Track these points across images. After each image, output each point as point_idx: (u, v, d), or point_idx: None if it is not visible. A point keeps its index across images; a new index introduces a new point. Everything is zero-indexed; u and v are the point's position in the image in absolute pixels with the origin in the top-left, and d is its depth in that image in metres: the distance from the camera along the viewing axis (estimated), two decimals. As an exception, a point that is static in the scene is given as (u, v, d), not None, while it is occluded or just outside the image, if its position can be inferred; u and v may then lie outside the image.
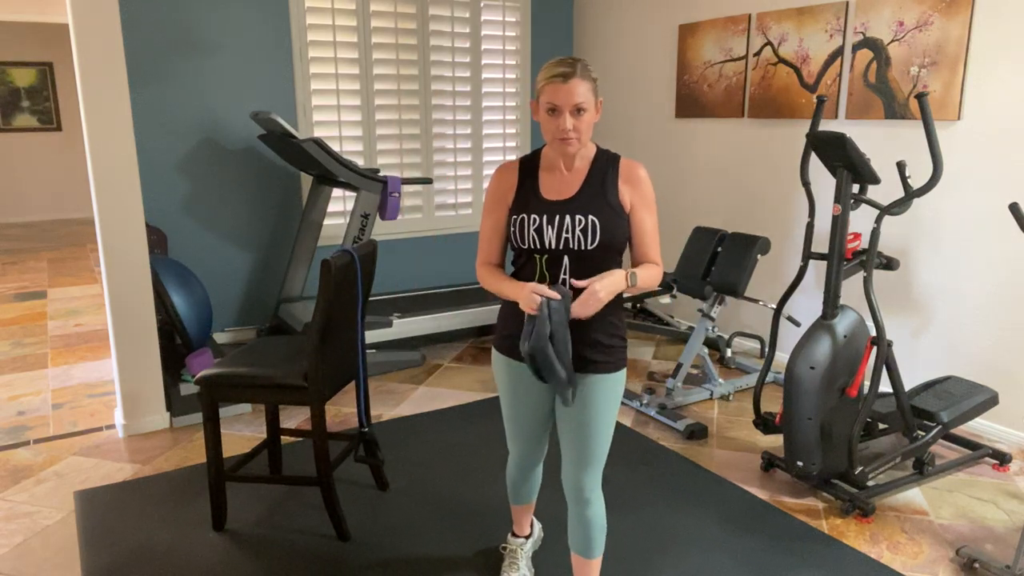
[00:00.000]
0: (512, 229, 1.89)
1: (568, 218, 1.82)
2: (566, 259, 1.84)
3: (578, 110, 1.76)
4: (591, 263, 1.84)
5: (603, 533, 2.00)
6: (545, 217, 1.84)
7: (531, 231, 1.84)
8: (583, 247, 1.82)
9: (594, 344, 1.88)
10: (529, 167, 1.92)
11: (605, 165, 1.88)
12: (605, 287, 1.75)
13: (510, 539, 2.39)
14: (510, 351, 1.95)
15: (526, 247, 1.87)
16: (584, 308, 1.75)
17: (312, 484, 2.54)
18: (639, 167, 1.88)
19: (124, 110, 3.20)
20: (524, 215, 1.86)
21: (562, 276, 1.86)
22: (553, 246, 1.83)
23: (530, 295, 1.75)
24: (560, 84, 1.73)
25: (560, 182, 1.88)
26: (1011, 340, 3.30)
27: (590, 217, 1.82)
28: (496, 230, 1.95)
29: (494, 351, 2.02)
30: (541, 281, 1.87)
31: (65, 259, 7.65)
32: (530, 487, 2.24)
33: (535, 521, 2.49)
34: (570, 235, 1.82)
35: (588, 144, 1.89)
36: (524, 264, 1.93)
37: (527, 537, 2.40)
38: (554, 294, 1.75)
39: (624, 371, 1.94)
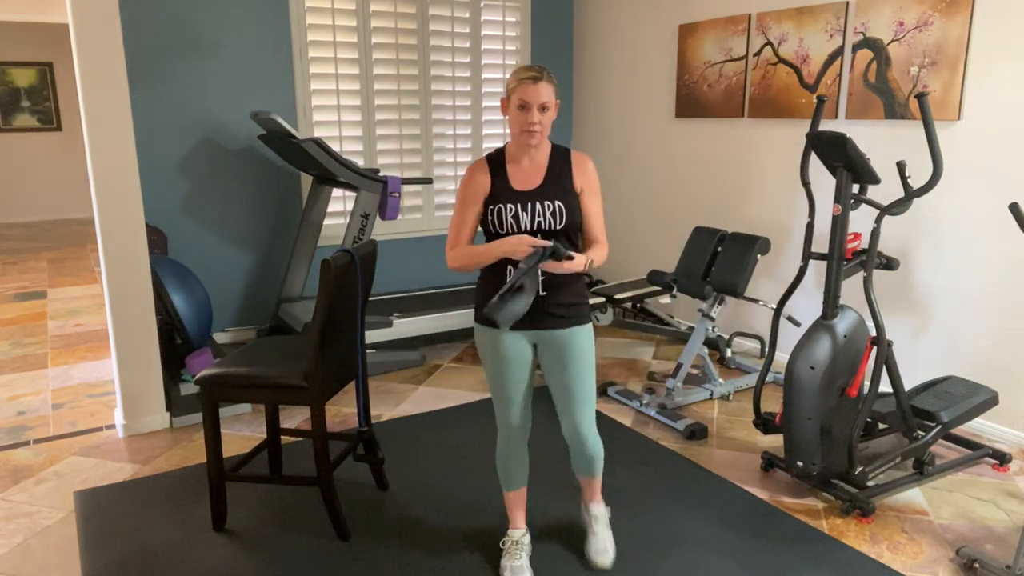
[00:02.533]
0: (491, 218, 2.18)
1: (539, 204, 2.16)
2: (538, 238, 2.14)
3: (543, 108, 2.10)
4: (558, 239, 2.16)
5: (601, 458, 2.39)
6: (519, 205, 2.16)
7: (508, 217, 2.15)
8: (552, 227, 2.16)
9: (568, 305, 2.21)
10: (497, 163, 2.22)
11: (561, 158, 2.22)
12: (576, 263, 2.05)
13: (509, 532, 2.45)
14: (488, 321, 2.22)
15: (504, 232, 2.16)
16: (574, 261, 2.05)
17: (312, 484, 2.54)
18: (587, 159, 2.24)
19: (124, 110, 3.20)
20: (501, 205, 2.16)
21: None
22: (528, 228, 2.15)
23: (520, 241, 2.05)
24: (531, 85, 2.07)
25: (526, 174, 2.20)
26: (1011, 340, 3.30)
27: (556, 203, 2.16)
28: (469, 221, 2.21)
29: (477, 326, 2.27)
30: (516, 261, 2.14)
31: (65, 259, 7.65)
32: (520, 467, 2.39)
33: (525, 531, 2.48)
34: (542, 218, 2.16)
35: (546, 141, 2.21)
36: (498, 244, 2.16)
37: (525, 532, 2.45)
38: (546, 242, 2.03)
39: (590, 324, 2.28)
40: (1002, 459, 3.10)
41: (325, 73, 4.66)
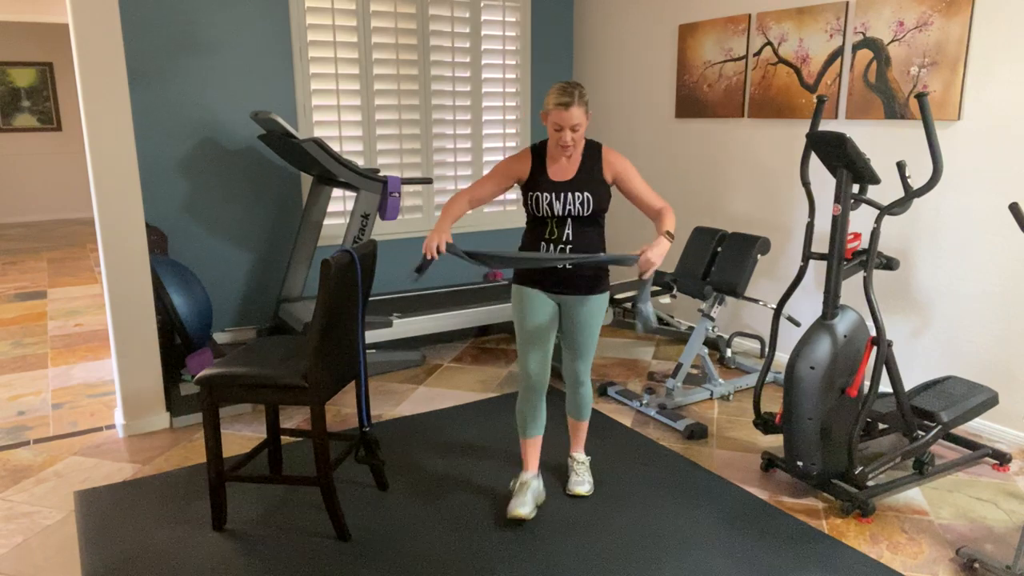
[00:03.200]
0: (530, 203, 2.58)
1: (570, 194, 2.54)
2: (569, 220, 2.57)
3: (575, 128, 2.46)
4: (585, 222, 2.58)
5: (590, 405, 2.86)
6: (553, 194, 2.55)
7: (544, 204, 2.56)
8: (581, 214, 2.56)
9: (589, 277, 2.62)
10: (539, 154, 2.60)
11: (593, 155, 2.59)
12: (657, 255, 2.38)
13: (520, 474, 2.76)
14: (522, 281, 2.66)
15: (541, 214, 2.58)
16: (648, 266, 2.39)
17: (312, 484, 2.53)
18: (616, 153, 2.60)
19: (124, 110, 3.20)
20: (539, 193, 2.56)
21: (566, 234, 2.58)
22: (560, 214, 2.56)
23: (430, 242, 2.39)
24: (563, 111, 2.42)
25: (562, 168, 2.58)
26: (1011, 340, 3.30)
27: (585, 194, 2.54)
28: (489, 187, 2.61)
29: (513, 285, 2.70)
30: (550, 235, 2.59)
31: (65, 259, 7.65)
32: (537, 417, 2.73)
33: (540, 477, 2.81)
34: (572, 206, 2.55)
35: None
36: (537, 224, 2.62)
37: (535, 475, 2.76)
38: (443, 248, 2.41)
39: (607, 294, 2.68)
40: (1002, 459, 3.10)
41: (325, 73, 4.66)
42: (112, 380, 4.17)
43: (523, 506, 2.64)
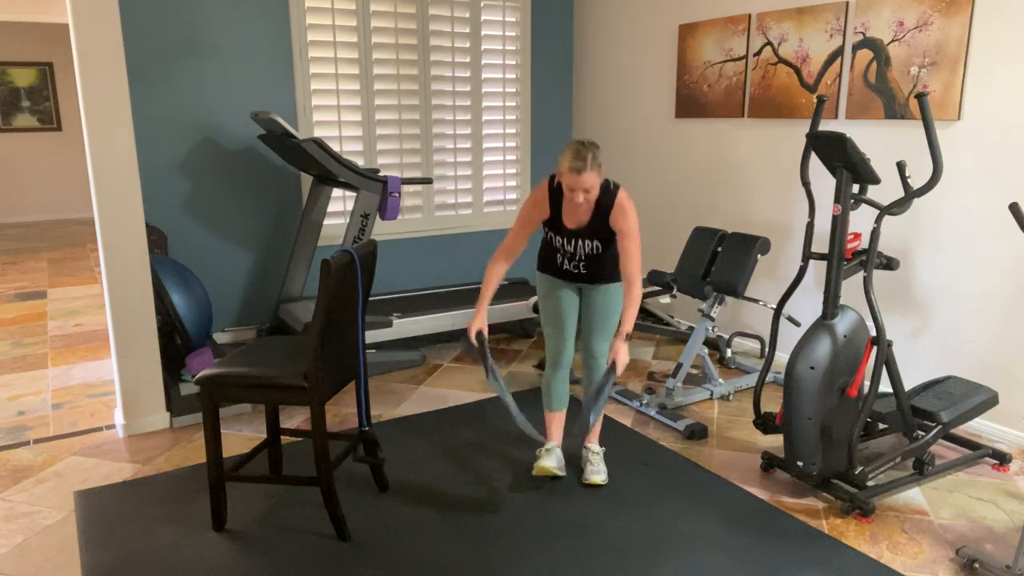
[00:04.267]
0: (548, 235, 2.83)
1: (582, 240, 2.76)
2: (582, 257, 2.79)
3: (587, 191, 2.56)
4: (597, 258, 2.78)
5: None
6: (566, 239, 2.78)
7: (556, 243, 2.82)
8: (592, 253, 2.78)
9: (604, 273, 2.82)
10: (556, 196, 2.74)
11: (606, 202, 2.67)
12: (622, 361, 2.59)
13: (546, 443, 2.95)
14: (545, 269, 2.90)
15: (556, 245, 2.82)
16: (621, 369, 2.61)
17: (312, 484, 2.54)
18: (626, 206, 2.66)
19: (124, 110, 3.20)
20: (553, 233, 2.82)
21: (579, 255, 2.80)
22: (572, 254, 2.80)
23: (470, 328, 2.74)
24: (576, 176, 2.53)
25: (576, 213, 2.73)
26: (1011, 340, 3.30)
27: (595, 241, 2.75)
28: (521, 239, 2.81)
29: (538, 273, 2.94)
30: (565, 252, 2.80)
31: (65, 259, 7.65)
32: (560, 392, 2.94)
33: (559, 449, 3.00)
34: (583, 251, 2.78)
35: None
36: (554, 241, 2.83)
37: (558, 445, 2.96)
38: (473, 342, 2.73)
39: (621, 284, 2.80)
40: (1002, 459, 3.10)
41: (325, 73, 4.66)
42: (112, 380, 4.17)
43: (553, 463, 2.87)
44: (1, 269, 7.18)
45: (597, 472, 2.96)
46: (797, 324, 3.74)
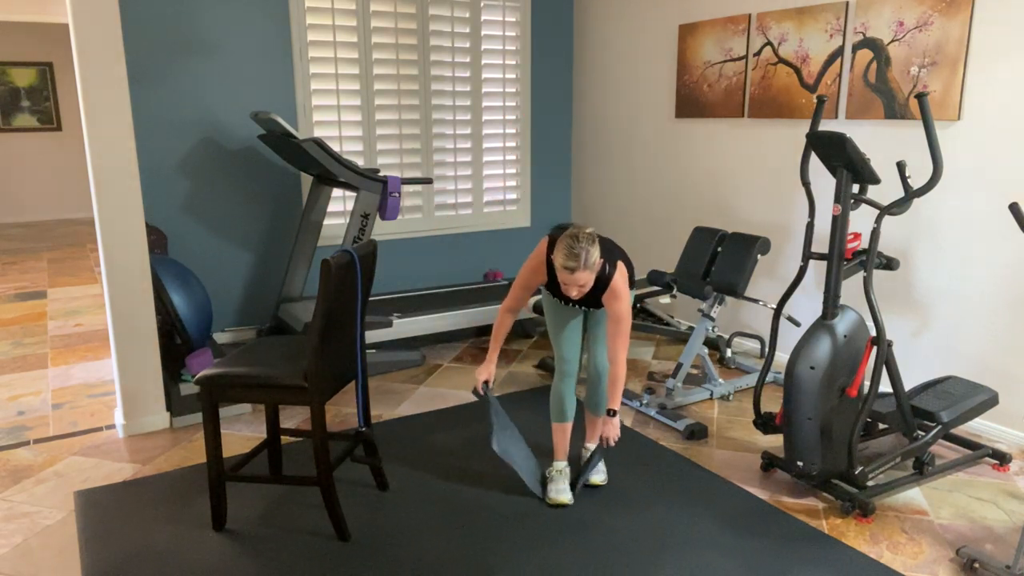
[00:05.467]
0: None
1: (577, 305, 2.76)
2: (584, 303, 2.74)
3: (581, 286, 2.49)
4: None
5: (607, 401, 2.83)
6: (563, 300, 2.76)
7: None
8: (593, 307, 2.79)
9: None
10: (551, 261, 2.65)
11: (602, 284, 2.61)
12: (614, 435, 2.70)
13: (554, 463, 2.90)
14: (554, 295, 2.81)
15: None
16: (613, 442, 2.72)
17: (312, 484, 2.54)
18: (621, 288, 2.59)
19: (124, 110, 3.20)
20: (549, 292, 2.77)
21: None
22: (573, 302, 2.74)
23: (479, 376, 2.80)
24: (568, 274, 2.46)
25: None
26: (1011, 340, 3.30)
27: (591, 308, 2.78)
28: (524, 296, 2.77)
29: (543, 289, 2.83)
30: (567, 300, 2.75)
31: (65, 259, 7.65)
32: (569, 403, 2.88)
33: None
34: (582, 312, 2.83)
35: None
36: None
37: (567, 463, 2.92)
38: (481, 391, 2.80)
39: (630, 290, 2.70)
40: (1002, 459, 3.10)
41: (325, 73, 4.66)
42: (112, 380, 4.17)
43: (564, 492, 2.81)
44: (1, 269, 7.18)
45: (597, 472, 2.96)
46: (797, 324, 3.74)
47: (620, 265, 2.62)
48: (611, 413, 2.68)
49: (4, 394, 4.00)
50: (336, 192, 4.78)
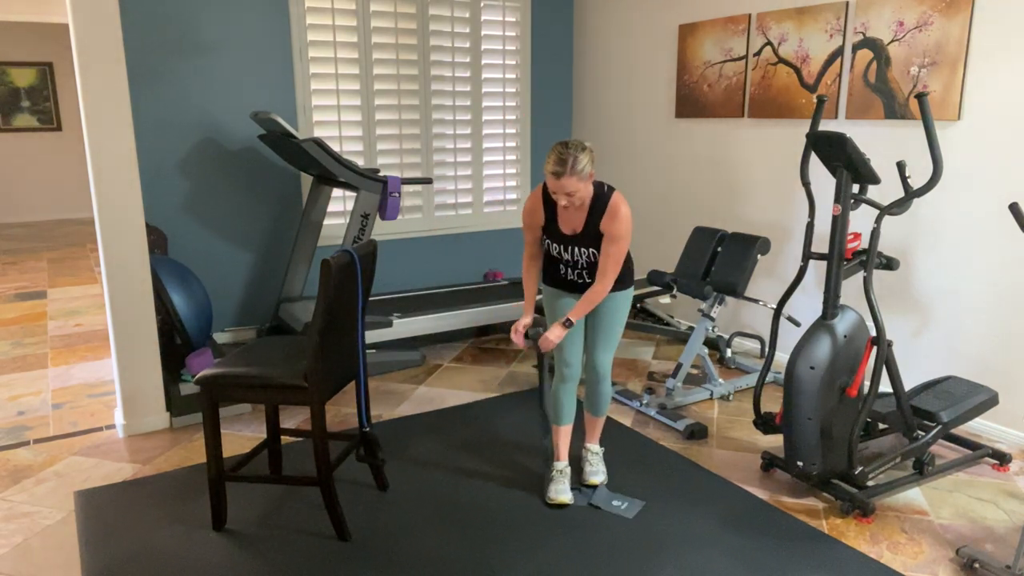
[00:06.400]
0: (544, 242, 2.77)
1: (577, 248, 2.69)
2: (584, 266, 2.72)
3: (569, 194, 2.50)
4: (595, 263, 2.70)
5: (608, 402, 2.92)
6: (562, 246, 2.71)
7: (554, 251, 2.75)
8: (592, 261, 2.70)
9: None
10: (549, 199, 2.68)
11: (599, 207, 2.60)
12: (552, 338, 2.70)
13: (554, 463, 2.90)
14: (550, 281, 2.84)
15: (554, 254, 2.76)
16: (546, 345, 2.72)
17: (312, 484, 2.54)
18: (618, 210, 2.58)
19: (124, 110, 3.20)
20: (549, 240, 2.75)
21: (580, 263, 2.73)
22: (569, 261, 2.74)
23: (515, 331, 2.80)
24: (555, 180, 2.48)
25: (571, 218, 2.66)
26: (1011, 340, 3.30)
27: (591, 250, 2.67)
28: (532, 243, 2.80)
29: (543, 286, 2.88)
30: (567, 260, 2.73)
31: (65, 259, 7.65)
32: (568, 404, 2.87)
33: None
34: (580, 259, 2.71)
35: (589, 186, 2.57)
36: (551, 255, 2.79)
37: (567, 464, 2.91)
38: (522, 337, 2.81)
39: (631, 288, 2.78)
40: (1002, 459, 3.10)
41: (325, 73, 4.66)
42: (112, 380, 4.17)
43: (564, 492, 2.81)
44: (1, 269, 7.18)
45: (596, 473, 2.96)
46: (797, 324, 3.74)
47: (617, 192, 2.64)
48: (567, 323, 2.65)
49: (4, 394, 4.00)
50: (336, 192, 4.78)
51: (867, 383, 2.88)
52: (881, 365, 2.72)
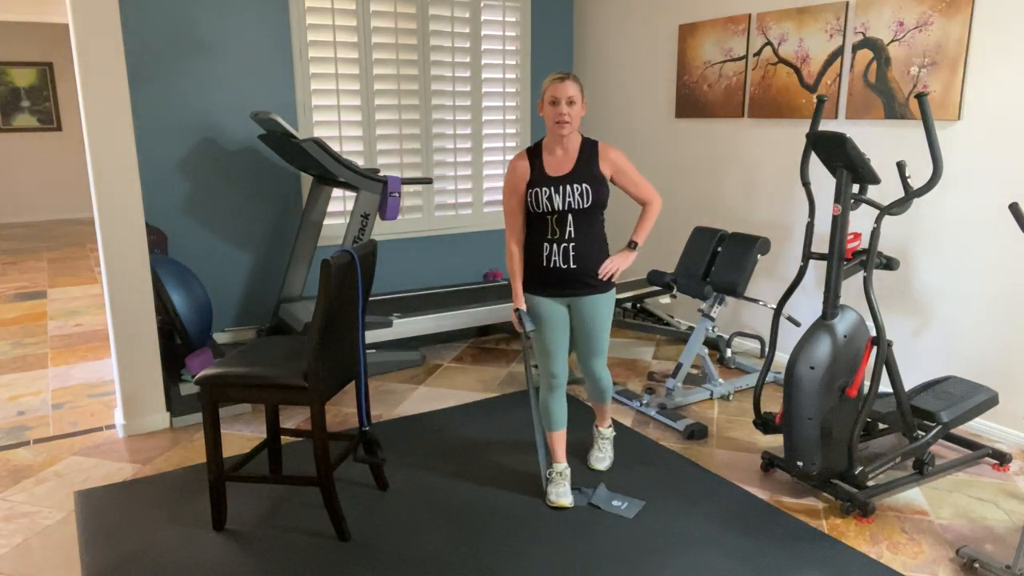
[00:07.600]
0: (529, 199, 2.66)
1: (569, 187, 2.63)
2: (570, 216, 2.65)
3: (570, 101, 2.56)
4: (586, 217, 2.66)
5: (610, 390, 2.98)
6: (552, 188, 2.63)
7: (544, 199, 2.63)
8: (581, 207, 2.64)
9: (596, 275, 2.71)
10: (535, 153, 2.70)
11: (589, 149, 2.68)
12: (620, 266, 2.72)
13: (554, 465, 2.89)
14: (534, 291, 2.76)
15: (540, 211, 2.65)
16: (608, 272, 2.71)
17: (312, 484, 2.54)
18: (612, 148, 2.70)
19: (124, 110, 3.20)
20: (538, 188, 2.64)
21: (567, 232, 2.67)
22: (560, 208, 2.63)
23: (512, 313, 2.78)
24: (559, 83, 2.56)
25: (559, 161, 2.66)
26: (1011, 340, 3.30)
27: (584, 185, 2.63)
28: (516, 210, 2.72)
29: (525, 293, 2.79)
30: (552, 234, 2.67)
31: (65, 259, 7.65)
32: (560, 411, 2.88)
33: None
34: (571, 199, 2.63)
35: (576, 134, 2.66)
36: (538, 225, 2.69)
37: (567, 465, 2.89)
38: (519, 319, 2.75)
39: (613, 289, 2.80)
40: (1002, 459, 3.10)
41: (325, 73, 4.66)
42: (112, 380, 4.17)
43: (565, 495, 2.81)
44: (1, 269, 7.18)
45: (602, 459, 3.01)
46: (797, 324, 3.74)
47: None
48: (632, 245, 2.75)
49: (4, 394, 4.00)
50: (336, 192, 4.78)
51: (867, 383, 2.88)
52: (881, 365, 2.72)
